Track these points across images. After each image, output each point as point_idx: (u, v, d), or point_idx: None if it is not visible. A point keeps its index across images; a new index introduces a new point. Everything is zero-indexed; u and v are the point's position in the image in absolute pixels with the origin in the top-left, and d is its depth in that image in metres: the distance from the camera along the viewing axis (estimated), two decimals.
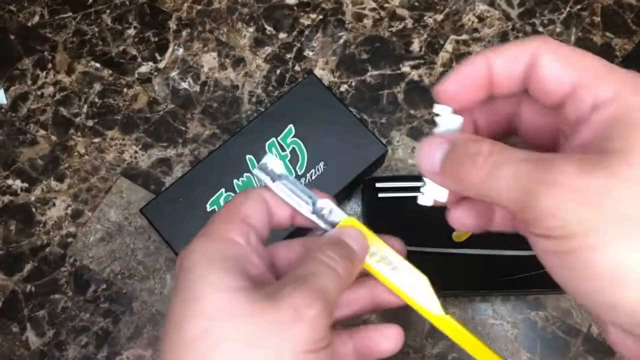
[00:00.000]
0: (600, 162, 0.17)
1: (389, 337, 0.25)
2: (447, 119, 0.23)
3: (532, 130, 0.23)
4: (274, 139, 0.46)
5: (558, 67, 0.20)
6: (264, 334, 0.20)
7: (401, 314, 0.49)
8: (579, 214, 0.17)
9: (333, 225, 0.25)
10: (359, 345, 0.26)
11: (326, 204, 0.25)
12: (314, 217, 0.25)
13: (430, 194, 0.23)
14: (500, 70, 0.21)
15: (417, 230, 0.46)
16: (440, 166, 0.21)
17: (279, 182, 0.25)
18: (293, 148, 0.46)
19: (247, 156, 0.46)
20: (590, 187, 0.17)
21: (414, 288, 0.25)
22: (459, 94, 0.22)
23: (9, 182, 0.55)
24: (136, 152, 0.55)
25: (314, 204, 0.25)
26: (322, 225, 0.25)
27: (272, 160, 0.26)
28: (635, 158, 0.17)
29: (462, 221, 0.24)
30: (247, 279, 0.22)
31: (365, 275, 0.25)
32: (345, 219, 0.25)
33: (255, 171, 0.26)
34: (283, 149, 0.46)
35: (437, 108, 0.23)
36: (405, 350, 0.49)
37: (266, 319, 0.20)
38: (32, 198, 0.54)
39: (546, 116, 0.23)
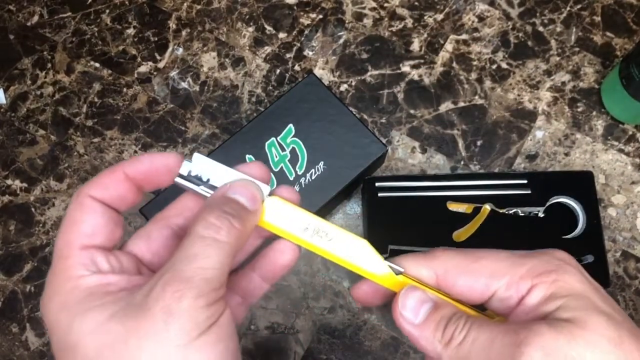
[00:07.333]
0: (563, 328, 0.21)
1: (284, 251, 0.25)
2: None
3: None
4: (273, 138, 0.46)
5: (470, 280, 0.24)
6: (143, 351, 0.19)
7: None
8: None
9: None
10: (263, 272, 0.26)
11: (206, 170, 0.24)
12: (196, 188, 0.24)
13: None
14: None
15: (417, 230, 0.46)
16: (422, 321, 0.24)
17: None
18: (293, 148, 0.46)
19: (247, 156, 0.46)
20: (561, 348, 0.20)
21: (356, 254, 0.25)
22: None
23: (9, 182, 0.54)
24: (136, 152, 0.55)
25: (190, 174, 0.24)
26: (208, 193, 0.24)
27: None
28: (588, 326, 0.21)
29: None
30: (113, 301, 0.20)
31: None
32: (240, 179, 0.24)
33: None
34: (283, 149, 0.46)
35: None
36: (405, 350, 0.49)
37: (141, 333, 0.19)
38: (32, 198, 0.54)
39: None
